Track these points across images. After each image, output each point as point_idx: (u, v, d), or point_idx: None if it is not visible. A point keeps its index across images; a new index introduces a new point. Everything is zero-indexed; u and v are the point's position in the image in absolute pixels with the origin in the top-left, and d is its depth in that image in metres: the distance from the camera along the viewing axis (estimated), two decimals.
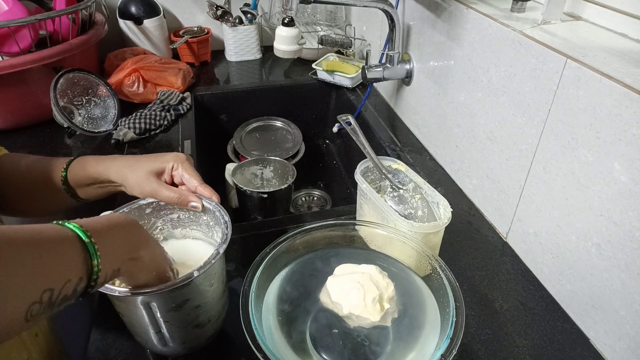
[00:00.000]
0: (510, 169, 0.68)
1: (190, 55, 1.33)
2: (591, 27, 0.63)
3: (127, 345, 0.56)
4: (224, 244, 0.49)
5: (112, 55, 1.20)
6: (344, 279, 0.51)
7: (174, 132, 1.03)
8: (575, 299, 0.59)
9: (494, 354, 0.56)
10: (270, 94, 1.26)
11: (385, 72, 0.97)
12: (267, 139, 1.20)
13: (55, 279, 0.34)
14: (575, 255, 0.58)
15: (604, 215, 0.52)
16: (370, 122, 1.07)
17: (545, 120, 0.60)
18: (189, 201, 0.55)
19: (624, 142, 0.49)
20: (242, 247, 0.71)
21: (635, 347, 0.51)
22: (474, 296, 0.63)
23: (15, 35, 0.88)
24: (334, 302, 0.49)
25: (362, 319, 0.47)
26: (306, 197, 1.29)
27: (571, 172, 0.56)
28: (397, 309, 0.50)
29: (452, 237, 0.72)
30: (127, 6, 1.25)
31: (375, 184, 0.70)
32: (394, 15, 0.89)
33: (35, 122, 1.02)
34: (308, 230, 0.56)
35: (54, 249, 0.35)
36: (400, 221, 0.57)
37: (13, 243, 0.31)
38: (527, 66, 0.62)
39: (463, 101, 0.79)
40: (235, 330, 0.57)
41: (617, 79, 0.49)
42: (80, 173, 0.59)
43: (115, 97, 1.03)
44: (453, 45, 0.79)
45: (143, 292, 0.43)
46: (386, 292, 0.49)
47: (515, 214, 0.69)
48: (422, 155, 0.94)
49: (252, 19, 1.33)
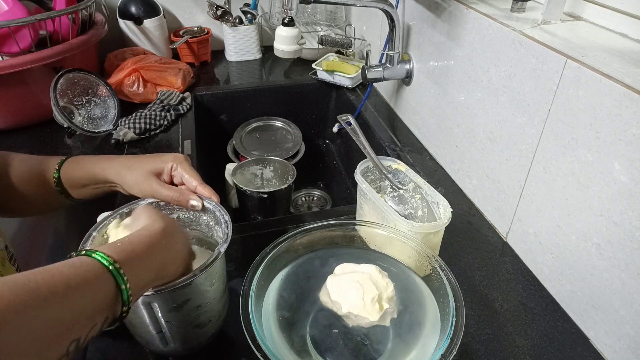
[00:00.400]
0: (510, 169, 0.68)
1: (190, 55, 1.33)
2: (591, 27, 0.63)
3: (127, 345, 0.56)
4: (224, 243, 0.49)
5: (112, 55, 1.20)
6: (344, 279, 0.51)
7: (174, 132, 1.03)
8: (575, 299, 0.59)
9: (494, 354, 0.56)
10: (270, 94, 1.26)
11: (385, 72, 0.97)
12: (267, 139, 1.20)
13: (82, 327, 0.31)
14: (575, 255, 0.58)
15: (604, 215, 0.52)
16: (370, 122, 1.07)
17: (545, 120, 0.60)
18: (189, 200, 0.55)
19: (624, 142, 0.49)
20: (242, 247, 0.71)
21: (635, 347, 0.51)
22: (474, 296, 0.63)
23: (15, 35, 0.88)
24: (333, 301, 0.49)
25: (361, 319, 0.47)
26: (306, 197, 1.29)
27: (571, 172, 0.56)
28: (396, 309, 0.50)
29: (452, 237, 0.72)
30: (127, 6, 1.25)
31: (375, 184, 0.70)
32: (394, 15, 0.89)
33: (35, 122, 1.02)
34: (308, 230, 0.56)
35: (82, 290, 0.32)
36: (400, 221, 0.57)
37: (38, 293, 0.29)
38: (527, 66, 0.62)
39: (463, 101, 0.79)
40: (235, 330, 0.57)
41: (617, 79, 0.49)
42: (75, 174, 0.59)
43: (115, 97, 1.03)
44: (453, 45, 0.79)
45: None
46: (385, 292, 0.49)
47: (515, 214, 0.69)
48: (422, 155, 0.94)
49: (252, 19, 1.33)
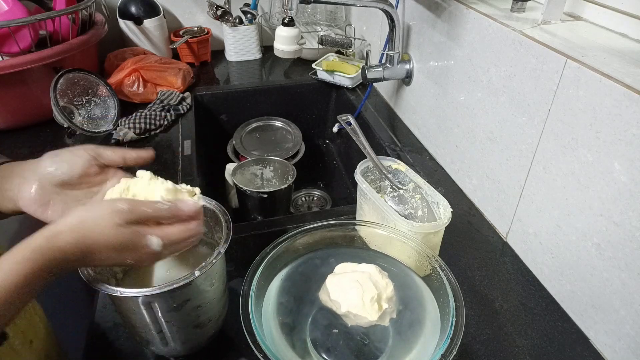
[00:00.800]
0: (510, 169, 0.68)
1: (190, 55, 1.33)
2: (591, 27, 0.63)
3: (127, 345, 0.56)
4: (224, 243, 0.49)
5: (112, 55, 1.20)
6: (344, 278, 0.51)
7: (174, 132, 1.03)
8: (575, 299, 0.59)
9: (494, 354, 0.56)
10: (270, 94, 1.26)
11: (385, 72, 0.97)
12: (267, 139, 1.20)
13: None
14: (575, 255, 0.58)
15: (604, 215, 0.52)
16: (370, 122, 1.07)
17: (545, 120, 0.60)
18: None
19: (624, 142, 0.49)
20: (242, 247, 0.71)
21: (635, 347, 0.51)
22: (474, 296, 0.63)
23: (15, 35, 0.89)
24: (332, 301, 0.49)
25: (359, 318, 0.47)
26: (306, 197, 1.29)
27: (571, 172, 0.56)
28: (395, 309, 0.50)
29: (452, 237, 0.72)
30: (127, 6, 1.25)
31: (375, 184, 0.70)
32: (394, 15, 0.89)
33: (35, 122, 1.02)
34: (308, 230, 0.56)
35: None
36: (400, 221, 0.57)
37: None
38: (527, 66, 0.62)
39: (463, 101, 0.79)
40: (235, 331, 0.58)
41: (617, 79, 0.49)
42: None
43: (115, 97, 1.03)
44: (453, 45, 0.79)
45: (144, 292, 0.43)
46: (385, 292, 0.49)
47: (515, 214, 0.69)
48: (422, 155, 0.94)
49: (252, 19, 1.33)
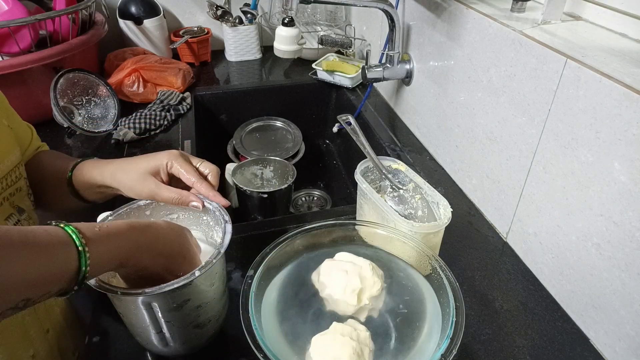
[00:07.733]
0: (510, 169, 0.68)
1: (190, 55, 1.33)
2: (591, 27, 0.63)
3: (127, 345, 0.56)
4: (225, 243, 0.49)
5: (112, 55, 1.20)
6: (336, 265, 0.52)
7: (174, 132, 1.03)
8: (575, 299, 0.59)
9: (494, 354, 0.56)
10: (270, 94, 1.26)
11: (385, 72, 0.97)
12: (267, 139, 1.20)
13: (37, 289, 0.33)
14: (575, 255, 0.58)
15: (604, 215, 0.52)
16: (370, 122, 1.07)
17: (545, 120, 0.60)
18: (190, 201, 0.55)
19: (624, 142, 0.49)
20: (242, 247, 0.71)
21: (635, 347, 0.51)
22: (474, 296, 0.63)
23: (15, 35, 0.88)
24: (319, 282, 0.52)
25: (337, 304, 0.50)
26: (306, 197, 1.29)
27: (571, 172, 0.56)
28: (377, 309, 0.50)
29: (452, 237, 0.72)
30: (127, 6, 1.25)
31: (375, 184, 0.70)
32: (394, 15, 0.89)
33: (35, 122, 1.01)
34: (308, 230, 0.56)
35: (45, 252, 0.34)
36: (400, 221, 0.57)
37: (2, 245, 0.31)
38: (527, 66, 0.62)
39: (463, 101, 0.79)
40: (235, 330, 0.58)
41: (617, 79, 0.49)
42: (81, 177, 0.59)
43: (115, 97, 1.03)
44: (453, 45, 0.79)
45: (144, 292, 0.43)
46: (370, 289, 0.50)
47: (515, 214, 0.69)
48: (422, 155, 0.94)
49: (252, 19, 1.33)
